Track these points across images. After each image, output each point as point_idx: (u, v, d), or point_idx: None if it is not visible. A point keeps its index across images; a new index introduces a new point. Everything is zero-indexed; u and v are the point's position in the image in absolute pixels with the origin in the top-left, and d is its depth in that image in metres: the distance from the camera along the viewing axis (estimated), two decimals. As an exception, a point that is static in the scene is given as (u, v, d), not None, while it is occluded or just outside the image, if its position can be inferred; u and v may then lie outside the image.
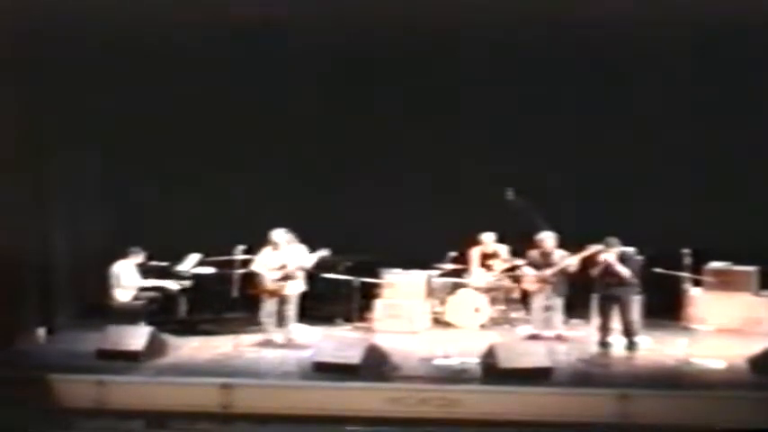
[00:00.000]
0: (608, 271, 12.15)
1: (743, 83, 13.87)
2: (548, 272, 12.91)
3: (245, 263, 12.88)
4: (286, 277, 12.67)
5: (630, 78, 14.20)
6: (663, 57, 14.01)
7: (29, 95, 12.95)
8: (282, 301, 12.74)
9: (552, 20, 12.85)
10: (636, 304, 12.54)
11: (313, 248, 12.84)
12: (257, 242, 12.87)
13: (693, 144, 14.23)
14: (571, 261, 12.74)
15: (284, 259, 12.67)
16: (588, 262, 12.49)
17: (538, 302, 13.10)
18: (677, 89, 14.16)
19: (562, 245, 12.95)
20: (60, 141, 13.66)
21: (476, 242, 14.12)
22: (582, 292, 12.92)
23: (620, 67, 14.13)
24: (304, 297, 13.49)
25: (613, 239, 12.19)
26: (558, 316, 13.00)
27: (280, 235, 12.73)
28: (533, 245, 13.07)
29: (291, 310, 12.75)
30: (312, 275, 13.70)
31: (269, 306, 12.78)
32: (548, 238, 12.97)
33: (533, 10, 12.50)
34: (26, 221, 12.88)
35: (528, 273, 13.14)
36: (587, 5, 12.33)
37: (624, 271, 12.11)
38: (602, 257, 12.16)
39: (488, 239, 14.07)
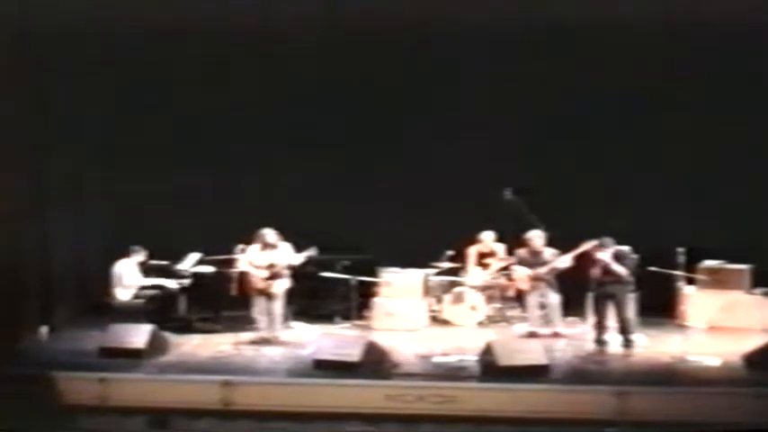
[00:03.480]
0: (605, 270, 12.27)
1: (740, 82, 13.95)
2: (542, 270, 13.02)
3: (233, 262, 12.95)
4: (274, 276, 12.76)
5: (630, 78, 14.30)
6: (661, 56, 14.07)
7: (28, 95, 13.00)
8: (270, 298, 12.81)
9: (552, 20, 12.91)
10: (631, 302, 12.66)
11: (314, 246, 12.93)
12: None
13: (688, 144, 14.34)
14: (564, 259, 12.85)
15: (272, 258, 12.75)
16: (582, 260, 12.59)
17: (532, 300, 13.18)
18: (675, 89, 14.26)
19: (559, 244, 13.04)
20: (60, 141, 13.70)
21: (474, 241, 14.24)
22: (577, 291, 13.03)
23: (618, 66, 14.21)
24: (303, 295, 13.63)
25: (607, 239, 12.28)
26: (557, 313, 13.12)
27: (268, 234, 12.80)
28: (522, 243, 13.17)
29: (279, 307, 12.82)
30: (310, 274, 13.84)
31: (260, 304, 12.85)
32: (536, 237, 13.07)
33: (534, 10, 12.56)
34: (27, 221, 12.94)
35: (519, 271, 13.22)
36: (587, 7, 12.40)
37: (620, 269, 12.21)
38: (598, 257, 12.28)
39: (488, 238, 14.19)
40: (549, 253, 13.03)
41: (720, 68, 13.93)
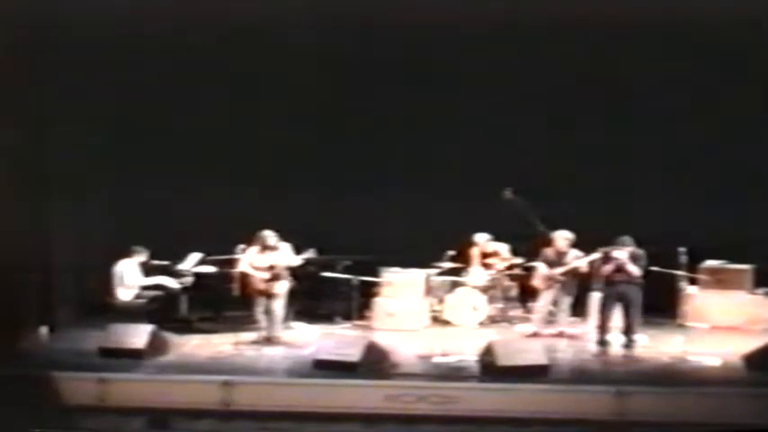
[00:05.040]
0: (618, 269, 12.23)
1: (741, 83, 13.96)
2: (557, 271, 13.00)
3: (234, 262, 12.96)
4: (275, 277, 12.78)
5: (630, 78, 14.29)
6: (662, 57, 14.09)
7: (30, 94, 13.02)
8: (271, 299, 12.82)
9: (552, 19, 12.91)
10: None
11: (312, 247, 12.94)
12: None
13: (690, 144, 14.33)
14: (580, 263, 12.83)
15: (272, 260, 12.78)
16: (603, 256, 12.54)
17: (543, 300, 13.17)
18: (676, 89, 14.27)
19: (576, 244, 12.99)
20: (61, 140, 13.71)
21: (470, 242, 14.24)
22: (579, 291, 13.03)
23: (619, 66, 14.22)
24: (304, 295, 13.64)
25: (627, 238, 12.20)
26: (565, 315, 13.09)
27: (268, 236, 12.81)
28: (548, 243, 13.14)
29: (280, 307, 12.84)
30: (311, 274, 13.85)
31: (262, 304, 12.87)
32: (561, 238, 13.01)
33: (534, 9, 12.56)
34: (28, 221, 12.96)
35: (540, 270, 13.18)
36: (587, 6, 12.40)
37: (635, 270, 12.17)
38: (615, 255, 12.22)
39: (481, 239, 14.19)
40: (572, 255, 12.96)
41: (720, 69, 13.93)
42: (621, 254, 12.15)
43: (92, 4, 12.58)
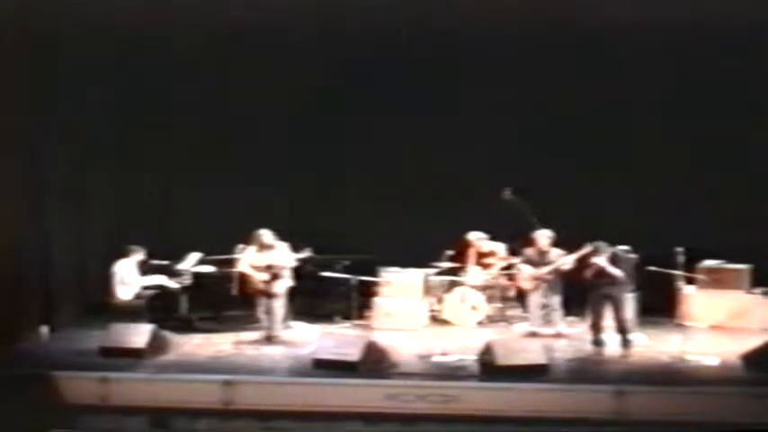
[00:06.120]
0: (601, 273, 12.28)
1: (740, 82, 14.00)
2: (543, 270, 13.05)
3: (234, 262, 12.99)
4: (274, 277, 12.80)
5: (629, 78, 14.32)
6: (661, 57, 14.12)
7: (29, 94, 13.03)
8: (271, 298, 12.85)
9: (552, 20, 12.94)
10: (630, 302, 12.65)
11: (309, 247, 12.98)
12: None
13: (688, 145, 14.36)
14: (566, 260, 12.89)
15: (270, 259, 12.81)
16: (582, 262, 12.61)
17: (534, 300, 13.21)
18: (674, 89, 14.30)
19: (558, 243, 13.07)
20: (61, 141, 13.73)
21: (465, 241, 14.26)
22: (578, 291, 13.05)
23: (618, 66, 14.24)
24: (303, 295, 13.66)
25: (602, 244, 12.28)
26: (558, 314, 13.14)
27: (264, 235, 12.84)
28: (530, 243, 13.20)
29: (280, 306, 12.87)
30: (311, 274, 13.87)
31: (263, 304, 12.89)
32: (544, 237, 13.09)
33: (534, 10, 12.59)
34: (29, 221, 12.98)
35: (524, 270, 13.26)
36: (587, 7, 12.43)
37: (616, 272, 12.21)
38: (594, 261, 12.29)
39: (473, 237, 14.20)
40: (555, 253, 13.03)
41: (720, 69, 13.96)
42: (599, 260, 12.21)
43: (92, 3, 12.58)
